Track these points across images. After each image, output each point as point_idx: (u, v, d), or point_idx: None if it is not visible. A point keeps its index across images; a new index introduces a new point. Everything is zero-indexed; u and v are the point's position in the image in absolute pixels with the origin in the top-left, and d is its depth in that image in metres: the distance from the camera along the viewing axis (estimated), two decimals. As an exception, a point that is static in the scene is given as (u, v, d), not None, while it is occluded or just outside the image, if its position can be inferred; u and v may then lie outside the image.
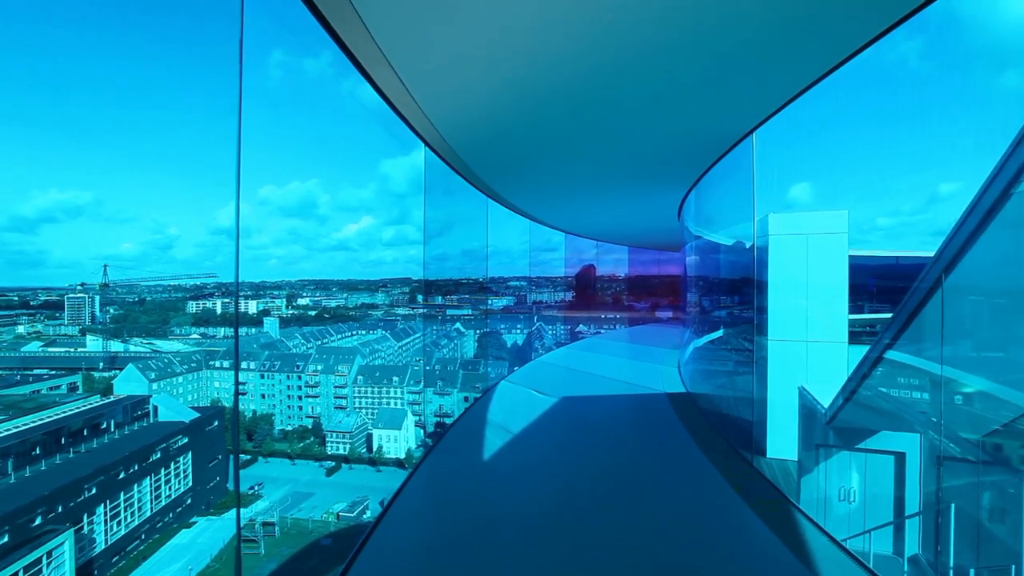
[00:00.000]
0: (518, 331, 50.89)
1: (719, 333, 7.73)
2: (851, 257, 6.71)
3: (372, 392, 50.64)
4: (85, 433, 31.07)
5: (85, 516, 26.41)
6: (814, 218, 7.14)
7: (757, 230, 6.81)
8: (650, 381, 8.86)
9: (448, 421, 48.60)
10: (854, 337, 6.67)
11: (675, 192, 8.03)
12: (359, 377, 51.19)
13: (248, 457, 46.47)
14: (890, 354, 3.07)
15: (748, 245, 6.50)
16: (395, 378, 50.15)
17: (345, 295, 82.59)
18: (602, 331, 22.68)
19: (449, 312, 64.67)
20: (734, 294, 7.10)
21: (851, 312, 6.17)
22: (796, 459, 6.16)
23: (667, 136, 5.05)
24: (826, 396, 4.49)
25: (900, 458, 4.68)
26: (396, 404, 49.60)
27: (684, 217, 9.56)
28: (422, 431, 49.23)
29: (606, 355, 13.11)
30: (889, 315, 8.51)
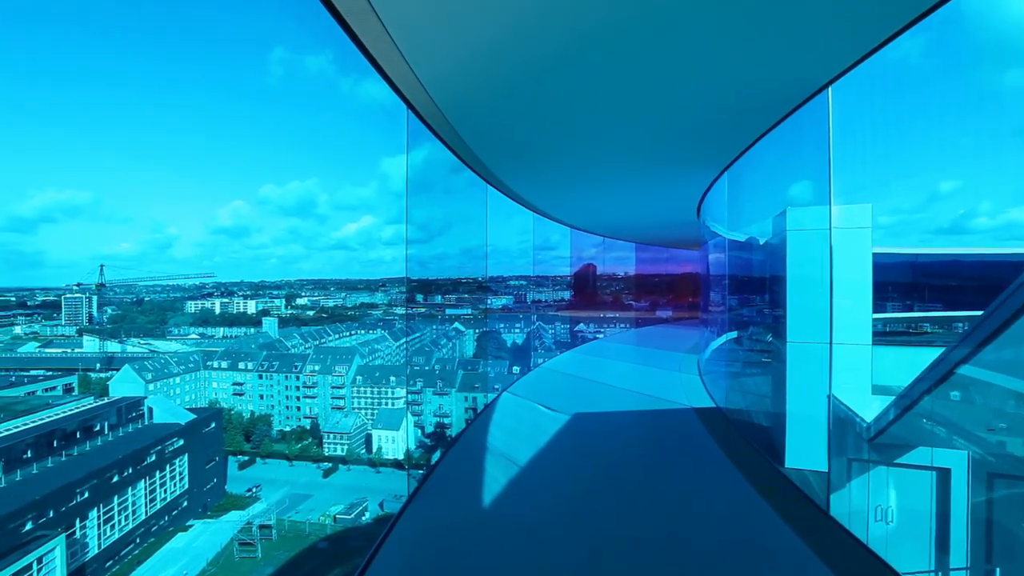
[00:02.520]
0: (517, 330, 50.54)
1: (758, 338, 7.06)
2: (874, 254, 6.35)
3: (370, 392, 50.22)
4: (78, 436, 30.63)
5: (77, 520, 25.96)
6: (836, 212, 6.74)
7: (782, 224, 6.34)
8: (670, 392, 7.98)
9: (447, 421, 48.15)
10: (879, 338, 6.29)
11: (701, 177, 7.19)
12: (358, 377, 50.78)
13: (246, 458, 46.06)
14: (966, 369, 2.63)
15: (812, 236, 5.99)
16: (393, 378, 49.74)
17: (344, 294, 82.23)
18: (603, 331, 22.18)
19: (448, 312, 64.26)
20: (768, 293, 6.60)
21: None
22: (815, 470, 5.74)
23: (710, 94, 4.09)
24: (863, 406, 4.04)
25: (944, 475, 4.23)
26: (395, 404, 49.20)
27: (707, 210, 8.92)
28: (420, 431, 48.86)
29: (615, 360, 12.09)
30: (911, 315, 8.08)
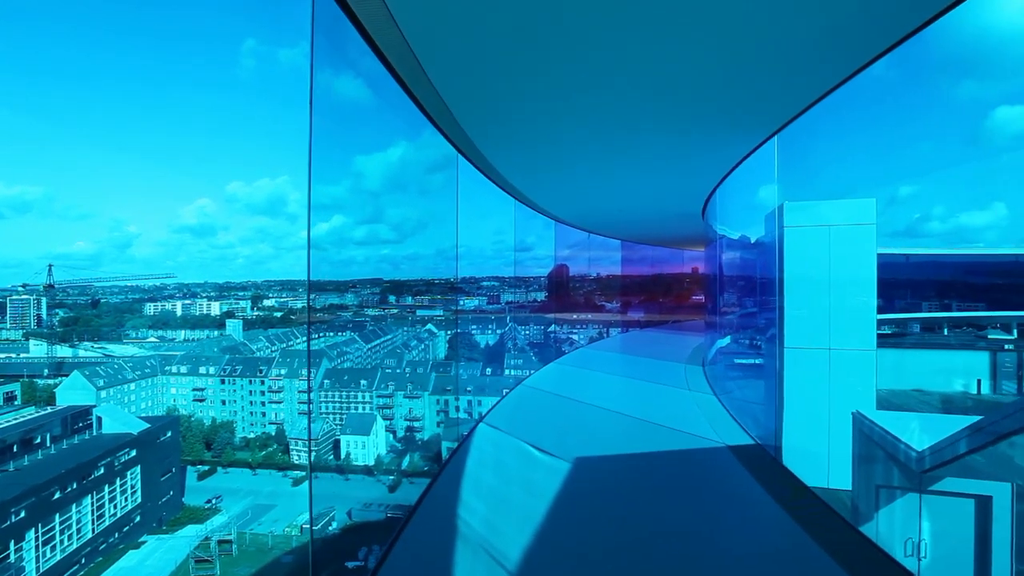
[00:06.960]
0: (491, 332, 49.75)
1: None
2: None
3: (339, 397, 48.50)
4: (15, 450, 28.26)
5: (12, 542, 23.84)
6: (837, 207, 6.26)
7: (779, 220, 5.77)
8: (688, 421, 6.34)
9: (417, 425, 46.87)
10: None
11: (734, 147, 5.78)
12: (326, 381, 49.00)
13: (206, 468, 43.83)
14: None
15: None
16: (363, 382, 48.14)
17: (313, 296, 79.67)
18: (588, 335, 21.51)
19: (420, 313, 62.90)
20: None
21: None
22: (818, 486, 5.21)
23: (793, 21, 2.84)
24: (903, 428, 3.44)
25: (984, 503, 3.67)
26: (365, 409, 47.61)
27: (726, 200, 8.02)
28: (392, 436, 47.47)
29: (609, 375, 10.14)
30: (911, 315, 7.66)
